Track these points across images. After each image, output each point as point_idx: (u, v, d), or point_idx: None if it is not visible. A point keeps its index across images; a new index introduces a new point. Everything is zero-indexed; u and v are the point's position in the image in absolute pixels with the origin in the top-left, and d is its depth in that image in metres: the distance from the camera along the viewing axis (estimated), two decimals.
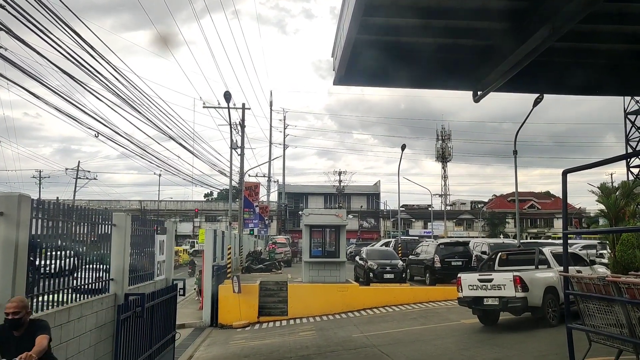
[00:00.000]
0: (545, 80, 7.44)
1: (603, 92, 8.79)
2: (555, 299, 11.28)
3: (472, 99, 7.58)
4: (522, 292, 10.77)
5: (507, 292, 11.00)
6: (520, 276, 10.93)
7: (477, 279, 11.74)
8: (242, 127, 30.29)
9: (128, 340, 8.00)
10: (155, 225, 10.69)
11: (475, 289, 11.61)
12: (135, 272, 9.40)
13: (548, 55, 6.86)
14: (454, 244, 21.16)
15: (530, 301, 10.83)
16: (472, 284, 11.76)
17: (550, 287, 11.30)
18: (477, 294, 11.58)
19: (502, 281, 11.16)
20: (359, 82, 7.37)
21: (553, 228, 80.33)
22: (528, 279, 10.98)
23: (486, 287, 11.44)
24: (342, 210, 19.63)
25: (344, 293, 17.95)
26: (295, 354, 11.94)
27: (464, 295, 11.98)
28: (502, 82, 6.96)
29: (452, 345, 10.88)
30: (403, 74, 7.25)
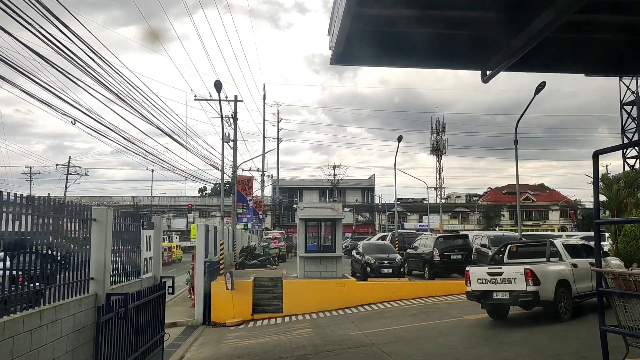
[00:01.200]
0: (560, 57, 6.87)
1: (625, 69, 8.16)
2: (568, 292, 10.88)
3: (481, 79, 6.98)
4: (534, 285, 10.34)
5: (517, 285, 10.59)
6: (531, 269, 10.49)
7: (487, 272, 11.31)
8: (235, 120, 29.62)
9: (110, 343, 7.41)
10: (141, 220, 10.04)
11: (484, 282, 11.20)
12: (119, 270, 8.80)
13: (563, 32, 6.30)
14: (453, 237, 20.64)
15: (542, 295, 10.42)
16: (480, 278, 11.34)
17: (563, 281, 10.87)
18: (486, 287, 11.15)
19: (512, 274, 10.74)
20: (359, 61, 6.78)
21: (548, 220, 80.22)
22: (539, 272, 10.55)
23: (496, 280, 11.02)
24: (338, 203, 19.05)
25: (341, 289, 17.39)
26: (291, 354, 11.36)
27: (472, 289, 11.58)
28: (514, 59, 6.38)
29: (457, 343, 10.33)
30: (407, 51, 6.65)
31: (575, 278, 11.17)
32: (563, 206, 78.36)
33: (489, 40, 6.53)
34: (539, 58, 6.92)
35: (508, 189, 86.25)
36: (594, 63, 7.06)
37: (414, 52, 6.70)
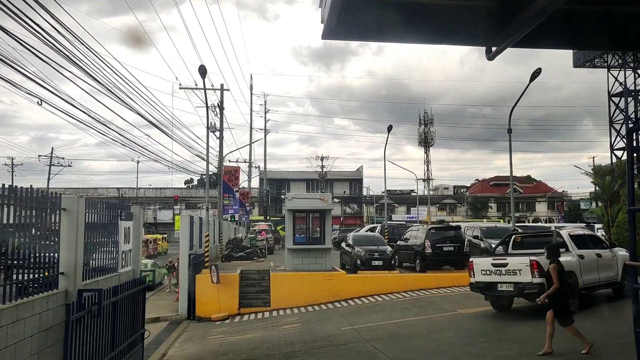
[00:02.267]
0: (571, 33, 6.34)
1: None
2: (575, 284, 10.50)
3: (485, 56, 6.42)
4: (540, 277, 9.93)
5: (523, 277, 10.29)
6: (537, 260, 10.14)
7: (491, 263, 11.03)
8: (221, 109, 28.84)
9: (83, 343, 6.81)
10: (118, 210, 9.38)
11: (488, 274, 10.94)
12: (93, 264, 8.16)
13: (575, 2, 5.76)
14: (445, 228, 20.17)
15: (548, 287, 9.90)
16: (485, 269, 11.08)
17: (569, 272, 10.44)
18: (491, 279, 10.90)
19: (517, 266, 10.43)
20: (353, 36, 6.19)
21: (535, 212, 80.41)
22: (546, 264, 10.04)
23: (500, 272, 10.73)
24: (327, 194, 18.47)
25: (330, 282, 16.86)
26: (279, 351, 10.81)
27: (476, 280, 11.31)
28: (522, 34, 5.81)
29: (454, 339, 9.85)
30: (407, 25, 6.06)
31: (582, 269, 10.87)
32: (550, 198, 78.53)
33: (495, 13, 5.96)
34: (547, 33, 6.38)
35: (495, 181, 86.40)
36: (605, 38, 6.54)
37: (414, 25, 6.12)
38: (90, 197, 8.17)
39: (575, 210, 75.16)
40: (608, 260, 11.81)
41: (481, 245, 18.96)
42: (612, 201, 21.18)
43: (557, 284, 7.64)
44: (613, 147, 52.45)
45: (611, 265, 11.89)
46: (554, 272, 7.72)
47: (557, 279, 7.67)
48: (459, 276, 17.63)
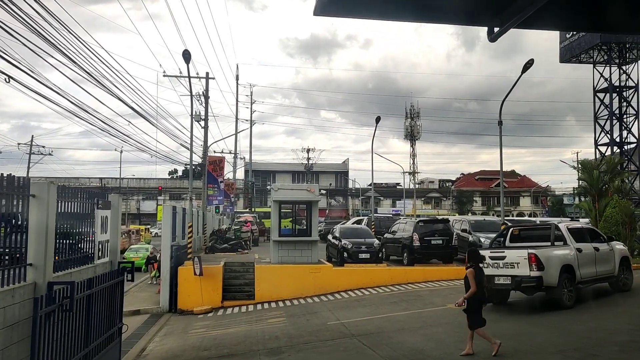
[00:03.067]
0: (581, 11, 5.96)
1: None
2: (572, 278, 10.47)
3: (487, 37, 6.02)
4: (537, 271, 9.91)
5: (520, 270, 10.17)
6: (535, 254, 10.03)
7: (489, 256, 10.86)
8: (206, 97, 28.23)
9: (53, 340, 6.34)
10: (95, 199, 8.87)
11: (486, 267, 10.59)
12: (66, 254, 7.68)
13: None
14: (434, 222, 19.88)
15: (546, 281, 10.02)
16: None
17: (567, 266, 10.45)
18: (488, 272, 10.54)
19: (515, 259, 10.30)
20: (347, 11, 5.73)
21: (519, 206, 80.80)
22: (544, 257, 10.10)
23: (498, 265, 10.60)
24: (315, 185, 18.03)
25: (317, 275, 16.47)
26: (263, 346, 10.41)
27: None
28: (528, 13, 5.42)
29: (444, 335, 9.53)
30: (405, 2, 5.65)
31: (580, 263, 10.76)
32: (535, 192, 78.93)
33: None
34: (553, 13, 6.01)
35: (481, 175, 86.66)
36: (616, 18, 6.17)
37: (412, 2, 5.70)
38: (63, 184, 7.64)
39: (559, 205, 75.70)
40: (605, 254, 11.70)
41: (469, 238, 18.71)
42: (599, 196, 21.10)
43: (474, 288, 7.72)
44: (597, 142, 52.70)
45: (608, 259, 11.78)
46: (471, 277, 7.78)
47: (474, 284, 7.74)
48: (447, 270, 17.40)
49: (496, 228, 19.01)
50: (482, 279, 7.99)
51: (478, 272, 7.93)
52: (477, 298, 7.80)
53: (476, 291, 7.74)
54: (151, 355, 10.92)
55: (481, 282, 7.89)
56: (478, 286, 7.76)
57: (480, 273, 7.99)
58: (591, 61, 53.36)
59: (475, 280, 7.78)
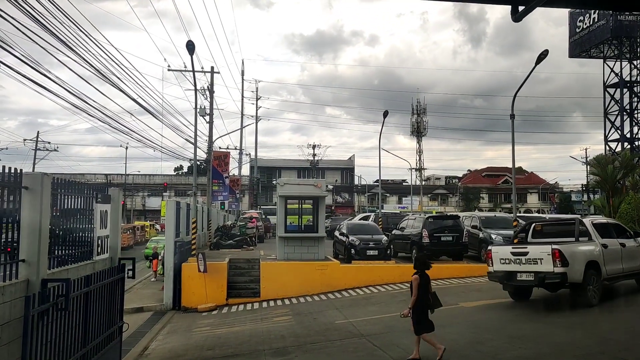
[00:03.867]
0: None
1: None
2: (597, 275, 10.10)
3: (511, 17, 5.59)
4: (562, 267, 9.59)
5: (544, 266, 9.85)
6: (559, 249, 9.69)
7: (510, 252, 10.65)
8: (211, 92, 27.88)
9: (47, 341, 5.98)
10: (94, 192, 8.50)
11: (507, 263, 10.56)
12: (63, 250, 7.33)
13: None
14: (443, 218, 19.43)
15: (570, 277, 9.67)
16: (504, 258, 10.72)
17: (592, 262, 10.09)
18: (510, 268, 10.54)
19: (538, 255, 9.99)
20: None
21: (526, 203, 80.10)
22: (568, 253, 9.75)
23: (520, 261, 10.32)
24: (322, 180, 17.62)
25: (324, 272, 16.08)
26: (269, 346, 10.03)
27: (494, 269, 10.97)
28: None
29: (458, 336, 9.09)
30: None
31: (605, 259, 10.42)
32: (543, 189, 78.18)
33: None
34: None
35: (487, 172, 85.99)
36: None
37: None
38: (60, 177, 7.27)
39: (567, 202, 74.99)
40: (632, 249, 11.34)
41: (480, 235, 18.25)
42: (613, 191, 20.59)
43: (416, 295, 7.76)
44: (607, 138, 52.07)
45: (636, 255, 11.43)
46: (415, 283, 7.82)
47: (417, 291, 7.77)
48: (458, 267, 16.98)
49: (507, 224, 18.56)
50: (428, 285, 8.00)
51: (423, 279, 7.94)
52: (421, 305, 7.81)
53: (420, 298, 7.77)
54: (153, 354, 10.56)
55: (426, 288, 7.91)
56: (423, 293, 7.79)
57: (425, 280, 7.99)
58: (601, 56, 52.67)
59: (419, 287, 7.81)
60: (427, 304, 7.88)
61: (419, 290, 7.78)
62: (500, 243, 17.35)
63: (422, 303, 7.79)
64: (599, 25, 49.79)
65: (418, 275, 7.92)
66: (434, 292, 8.10)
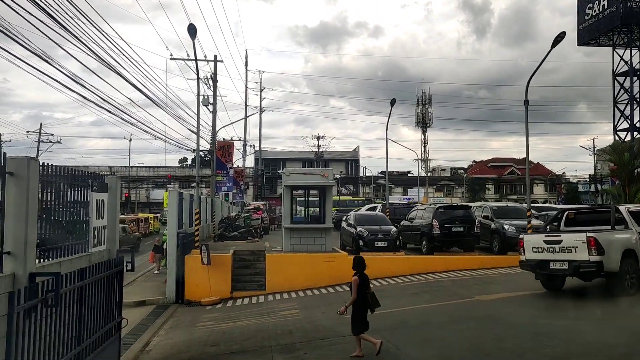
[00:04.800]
0: None
1: None
2: (635, 263, 9.75)
3: None
4: (597, 255, 9.28)
5: (578, 255, 9.56)
6: (595, 237, 9.36)
7: (543, 240, 10.42)
8: (214, 80, 27.30)
9: (35, 339, 5.47)
10: (89, 180, 7.97)
11: (540, 251, 10.37)
12: (54, 242, 6.82)
13: None
14: (454, 208, 18.88)
15: (606, 266, 9.36)
16: (536, 246, 10.51)
17: (629, 251, 9.71)
18: (543, 257, 10.37)
19: (573, 243, 9.69)
20: None
21: (533, 194, 79.37)
22: (604, 241, 9.40)
23: (554, 249, 10.05)
24: (329, 169, 17.05)
25: (331, 264, 15.56)
26: (276, 342, 9.53)
27: (526, 258, 10.79)
28: None
29: (478, 331, 8.56)
30: None
31: None
32: (550, 179, 77.41)
33: None
34: None
35: (493, 162, 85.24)
36: None
37: None
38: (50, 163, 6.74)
39: (574, 193, 74.26)
40: None
41: (492, 225, 17.67)
42: (629, 180, 19.93)
43: (355, 295, 7.80)
44: (616, 128, 51.20)
45: None
46: (355, 284, 7.85)
47: (356, 291, 7.81)
48: (470, 259, 16.44)
49: (520, 214, 18.00)
50: (367, 285, 8.03)
51: (362, 279, 7.97)
52: (360, 305, 7.87)
53: (358, 299, 7.81)
54: (155, 351, 10.08)
55: (365, 289, 7.94)
56: (361, 294, 7.83)
57: (364, 280, 8.02)
58: (611, 44, 51.68)
59: (359, 288, 7.84)
60: (366, 305, 7.92)
61: (358, 291, 7.83)
62: (514, 233, 16.83)
63: (361, 304, 7.84)
64: (608, 12, 48.81)
65: (358, 277, 7.96)
66: (372, 293, 8.12)
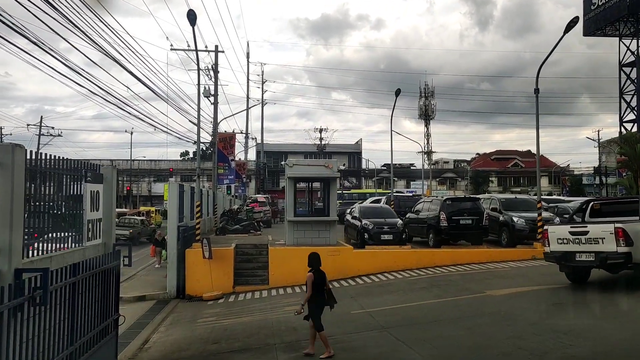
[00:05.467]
0: None
1: None
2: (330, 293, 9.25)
3: None
4: (625, 246, 8.99)
5: (606, 246, 9.29)
6: (623, 228, 9.06)
7: (569, 231, 10.16)
8: (215, 71, 26.83)
9: (21, 340, 5.08)
10: (83, 170, 7.55)
11: (565, 242, 10.13)
12: (44, 234, 6.43)
13: None
14: (462, 200, 18.42)
15: (635, 257, 9.06)
16: (561, 237, 10.27)
17: None
18: (568, 248, 10.04)
19: (600, 234, 9.40)
20: None
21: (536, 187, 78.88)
22: (633, 232, 9.07)
23: (579, 240, 9.79)
24: (332, 160, 16.59)
25: (336, 257, 15.13)
26: (280, 340, 9.14)
27: (551, 250, 10.59)
28: None
29: (493, 329, 8.14)
30: None
31: None
32: (555, 172, 76.83)
33: None
34: None
35: (496, 155, 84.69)
36: None
37: None
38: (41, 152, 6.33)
39: (578, 185, 73.73)
40: None
41: (500, 218, 17.22)
42: None
43: (310, 292, 7.79)
44: (622, 119, 50.61)
45: None
46: (309, 281, 7.83)
47: (310, 287, 7.79)
48: (478, 252, 16.02)
49: (529, 207, 17.55)
50: (324, 282, 7.99)
51: (318, 276, 7.92)
52: (316, 302, 7.80)
53: (315, 295, 7.78)
54: (154, 348, 9.70)
55: (322, 286, 7.91)
56: (318, 290, 7.80)
57: (320, 277, 7.97)
58: (617, 34, 51.00)
59: (314, 285, 7.80)
60: (323, 301, 7.85)
61: (313, 288, 7.77)
62: (523, 225, 16.41)
63: (316, 301, 7.76)
64: (615, 1, 48.07)
65: (312, 273, 7.90)
66: (329, 289, 8.05)
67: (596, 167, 69.37)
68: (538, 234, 15.83)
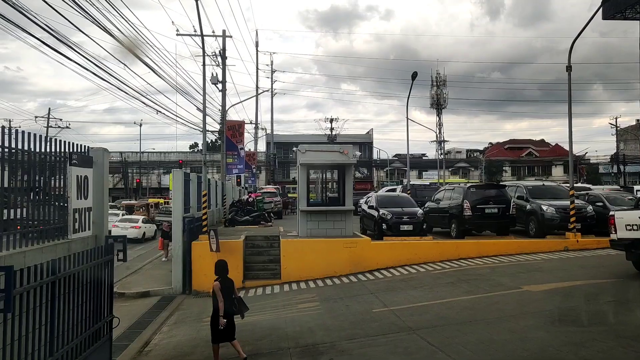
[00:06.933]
0: None
1: None
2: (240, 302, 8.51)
3: None
4: None
5: None
6: None
7: (639, 217, 9.50)
8: (223, 57, 25.74)
9: None
10: (67, 152, 6.55)
11: (635, 229, 9.59)
12: (19, 226, 5.49)
13: None
14: (486, 187, 17.29)
15: None
16: (630, 224, 9.74)
17: None
18: (638, 235, 9.46)
19: None
20: None
21: (551, 176, 77.11)
22: None
23: None
24: (348, 145, 15.49)
25: (352, 250, 14.09)
26: (295, 343, 8.13)
27: (618, 237, 10.08)
28: None
29: (541, 332, 7.03)
30: None
31: None
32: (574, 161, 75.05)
33: None
34: None
35: (510, 144, 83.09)
36: None
37: None
38: None
39: (594, 174, 71.97)
40: None
41: (527, 207, 16.04)
42: None
43: (222, 302, 7.51)
44: None
45: None
46: (217, 290, 7.60)
47: (221, 295, 7.55)
48: (505, 243, 14.87)
49: (558, 194, 16.40)
50: (232, 290, 7.78)
51: (225, 284, 7.69)
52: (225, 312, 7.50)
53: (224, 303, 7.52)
54: (154, 352, 8.74)
55: (230, 293, 7.69)
56: (226, 299, 7.55)
57: (228, 285, 7.74)
58: (638, 17, 49.23)
59: (222, 293, 7.55)
60: (232, 310, 7.63)
61: (223, 296, 7.50)
62: (553, 214, 15.25)
63: (225, 310, 7.47)
64: None
65: (219, 282, 7.66)
66: (239, 297, 7.87)
67: (613, 156, 67.55)
68: (570, 223, 14.68)
